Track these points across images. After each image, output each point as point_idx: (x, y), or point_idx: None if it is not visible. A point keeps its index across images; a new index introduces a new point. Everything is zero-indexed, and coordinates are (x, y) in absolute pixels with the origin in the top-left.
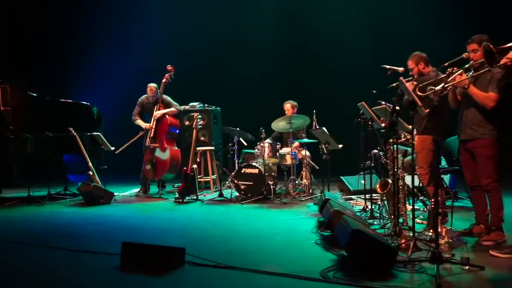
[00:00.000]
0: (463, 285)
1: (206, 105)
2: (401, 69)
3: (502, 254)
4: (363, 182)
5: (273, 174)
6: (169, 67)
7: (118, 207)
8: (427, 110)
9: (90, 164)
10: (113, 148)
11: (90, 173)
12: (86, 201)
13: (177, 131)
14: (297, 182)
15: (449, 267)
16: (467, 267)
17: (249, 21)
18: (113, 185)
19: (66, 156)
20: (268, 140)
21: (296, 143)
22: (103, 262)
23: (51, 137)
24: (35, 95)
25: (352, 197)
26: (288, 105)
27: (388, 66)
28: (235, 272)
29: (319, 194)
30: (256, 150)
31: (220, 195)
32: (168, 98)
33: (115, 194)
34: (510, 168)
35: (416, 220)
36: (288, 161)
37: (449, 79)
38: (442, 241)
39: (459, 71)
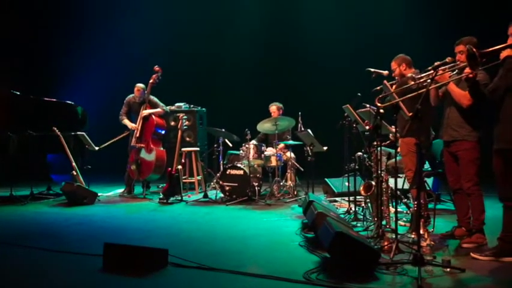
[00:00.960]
0: (444, 287)
1: (192, 106)
2: (385, 72)
3: (483, 257)
4: (347, 184)
5: (257, 175)
6: (156, 68)
7: (101, 208)
8: (410, 113)
9: (73, 163)
10: (97, 148)
11: (74, 172)
12: (69, 201)
13: (164, 131)
14: (281, 183)
15: (431, 270)
16: (448, 269)
17: (235, 22)
18: (96, 185)
19: (49, 155)
20: (253, 142)
21: (281, 145)
22: (85, 263)
23: (35, 136)
24: (19, 93)
25: (337, 199)
26: (273, 107)
27: (373, 69)
28: (218, 274)
29: (304, 196)
30: (241, 151)
31: (205, 196)
32: (155, 99)
33: (99, 194)
34: (491, 171)
35: (400, 222)
36: (273, 162)
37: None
38: (424, 243)
39: (443, 67)
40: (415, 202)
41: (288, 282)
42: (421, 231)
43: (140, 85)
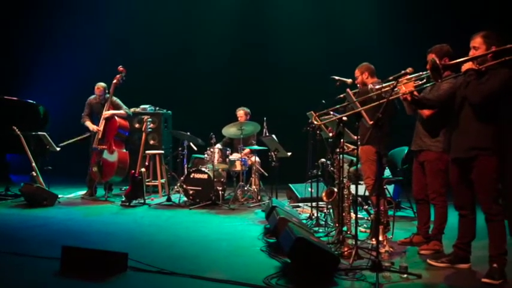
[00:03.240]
0: None
1: (157, 108)
2: (349, 80)
3: (439, 263)
4: (310, 190)
5: (222, 179)
6: (120, 68)
7: (61, 210)
8: (371, 122)
9: (33, 164)
10: (58, 148)
11: (34, 173)
12: (28, 203)
13: (127, 133)
14: (245, 188)
15: (389, 275)
16: (405, 275)
17: (203, 25)
18: (57, 187)
19: (8, 155)
20: (218, 146)
21: (246, 150)
22: (42, 266)
23: None
24: None
25: (300, 204)
26: (241, 112)
27: (337, 77)
28: (178, 278)
29: (267, 201)
30: (206, 155)
31: (168, 199)
32: (118, 101)
33: (59, 196)
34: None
35: (360, 229)
36: (238, 167)
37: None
38: (382, 250)
39: (409, 77)
40: (375, 209)
41: (248, 287)
42: (380, 238)
43: (101, 84)
